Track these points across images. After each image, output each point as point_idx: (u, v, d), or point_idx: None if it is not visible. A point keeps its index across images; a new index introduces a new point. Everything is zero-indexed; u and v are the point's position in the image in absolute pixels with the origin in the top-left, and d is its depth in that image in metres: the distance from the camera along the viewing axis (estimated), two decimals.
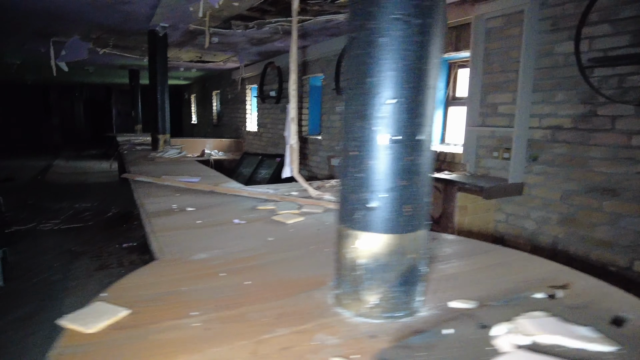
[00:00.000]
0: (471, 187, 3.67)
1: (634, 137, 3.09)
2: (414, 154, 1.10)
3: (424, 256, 1.19)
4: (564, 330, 0.83)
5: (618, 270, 3.22)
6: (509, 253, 1.83)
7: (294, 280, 1.43)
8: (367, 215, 1.12)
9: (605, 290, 1.43)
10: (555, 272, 1.58)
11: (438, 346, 0.79)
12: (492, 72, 4.09)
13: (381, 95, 1.06)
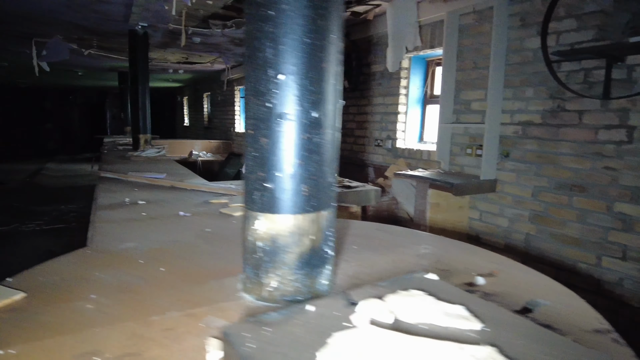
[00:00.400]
0: (441, 184, 3.64)
1: (600, 132, 3.07)
2: (311, 132, 1.07)
3: (328, 238, 1.16)
4: (432, 309, 0.79)
5: (588, 267, 3.18)
6: (454, 244, 1.79)
7: (212, 269, 1.39)
8: (264, 196, 1.09)
9: (534, 279, 1.39)
10: (491, 261, 1.54)
11: (288, 322, 0.76)
12: (466, 69, 4.07)
13: (272, 70, 1.03)
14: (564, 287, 1.32)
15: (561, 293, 1.27)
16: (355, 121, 5.72)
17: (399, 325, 0.76)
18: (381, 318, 0.76)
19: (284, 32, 1.01)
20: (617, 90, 2.94)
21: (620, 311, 3.01)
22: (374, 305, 0.79)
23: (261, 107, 1.06)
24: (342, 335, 0.69)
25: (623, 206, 2.96)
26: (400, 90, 4.92)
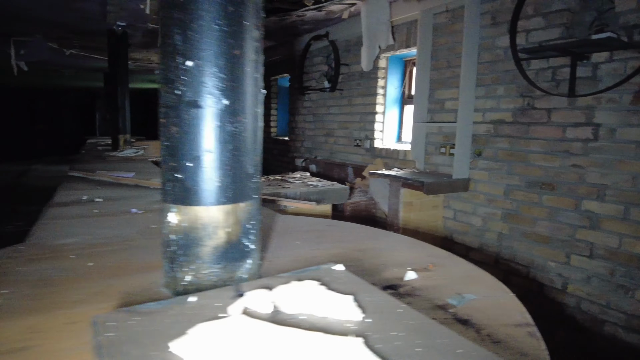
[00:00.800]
0: (413, 183, 3.62)
1: (568, 130, 3.06)
2: (223, 120, 1.04)
3: (249, 231, 1.13)
4: (318, 299, 0.77)
5: (557, 265, 3.17)
6: (401, 239, 1.77)
7: (142, 263, 1.36)
8: (176, 187, 1.06)
9: (470, 273, 1.37)
10: (433, 255, 1.52)
11: (162, 312, 0.73)
12: (440, 68, 4.06)
13: (180, 57, 1.01)
14: (498, 282, 1.30)
15: (493, 287, 1.25)
16: (336, 121, 5.70)
17: (275, 315, 0.73)
18: (259, 308, 0.74)
19: (192, 18, 0.99)
20: (583, 88, 2.93)
21: (585, 309, 3.00)
22: (259, 296, 0.77)
23: (171, 94, 1.03)
24: (205, 326, 0.66)
25: (590, 204, 2.95)
26: (378, 90, 4.91)
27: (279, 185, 2.98)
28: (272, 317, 0.72)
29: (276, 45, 6.79)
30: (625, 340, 2.81)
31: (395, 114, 5.03)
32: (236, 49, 1.04)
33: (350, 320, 0.73)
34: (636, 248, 2.73)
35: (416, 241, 1.71)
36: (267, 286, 0.84)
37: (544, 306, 3.28)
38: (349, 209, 4.82)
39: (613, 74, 2.78)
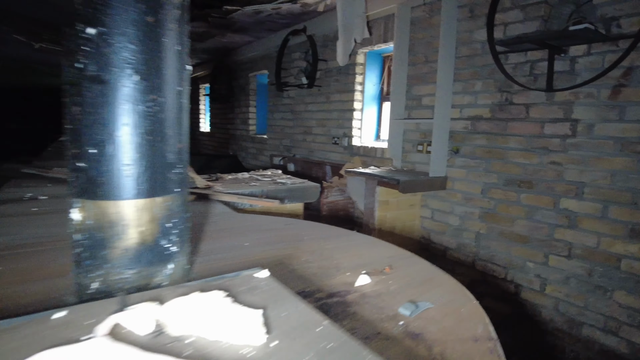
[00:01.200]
0: (389, 181, 3.49)
1: (546, 126, 2.96)
2: (133, 99, 0.88)
3: (170, 231, 0.98)
4: (217, 316, 0.62)
5: (536, 266, 3.07)
6: (363, 239, 1.63)
7: (57, 267, 1.19)
8: (80, 178, 0.90)
9: (431, 277, 1.23)
10: (394, 256, 1.38)
11: (10, 332, 0.58)
12: (417, 63, 3.94)
13: (81, 23, 0.85)
14: (461, 287, 1.16)
15: (454, 293, 1.12)
16: (315, 119, 5.55)
17: (153, 338, 0.58)
18: (136, 328, 0.59)
19: None
20: (561, 82, 2.84)
21: (563, 311, 2.91)
22: (143, 311, 0.62)
23: (72, 68, 0.87)
24: (49, 354, 0.51)
25: (568, 202, 2.86)
26: (356, 86, 4.78)
27: (245, 182, 2.82)
28: (148, 341, 0.57)
29: (254, 40, 6.61)
30: (603, 342, 2.71)
31: (373, 111, 4.90)
32: (149, 15, 0.88)
33: (249, 345, 0.59)
34: (614, 247, 2.64)
35: (379, 241, 1.57)
36: (158, 298, 0.69)
37: (522, 308, 3.18)
38: (325, 208, 4.68)
39: (591, 68, 2.69)
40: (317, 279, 1.12)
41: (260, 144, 7.01)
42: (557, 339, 2.96)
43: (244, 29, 5.82)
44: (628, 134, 2.55)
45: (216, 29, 5.84)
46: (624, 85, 2.56)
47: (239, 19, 5.18)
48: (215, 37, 6.41)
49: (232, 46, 7.09)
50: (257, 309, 0.65)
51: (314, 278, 1.12)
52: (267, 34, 6.11)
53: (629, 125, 2.55)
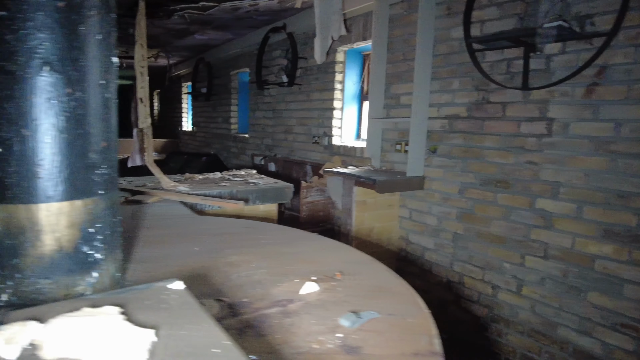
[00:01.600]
0: (365, 181, 3.43)
1: (523, 124, 2.93)
2: (46, 92, 0.80)
3: (93, 236, 0.90)
4: (102, 338, 0.54)
5: (512, 267, 3.03)
6: (322, 242, 1.56)
7: None
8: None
9: (383, 284, 1.16)
10: (349, 261, 1.31)
11: None
12: (395, 61, 3.89)
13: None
14: (414, 295, 1.10)
15: (406, 302, 1.05)
16: (295, 117, 5.48)
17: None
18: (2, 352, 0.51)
19: None
20: (537, 80, 2.80)
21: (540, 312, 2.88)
22: (13, 331, 0.54)
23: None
24: None
25: (544, 202, 2.82)
26: (336, 85, 4.71)
27: (214, 183, 2.74)
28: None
29: (235, 38, 6.51)
30: (577, 343, 2.69)
31: (354, 110, 4.84)
32: None
33: None
34: (588, 248, 2.61)
35: (341, 245, 1.51)
36: (38, 316, 0.62)
37: (499, 310, 3.14)
38: (305, 208, 4.61)
39: (566, 67, 2.66)
40: (261, 286, 1.05)
41: (242, 143, 6.92)
42: (532, 341, 2.93)
43: (224, 26, 5.72)
44: (602, 133, 2.52)
45: (195, 25, 5.73)
46: (598, 84, 2.53)
47: (217, 15, 5.08)
48: (195, 34, 6.30)
49: (213, 43, 6.98)
50: (151, 328, 0.58)
51: (258, 286, 1.05)
52: (247, 31, 6.02)
53: (603, 125, 2.52)
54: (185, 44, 7.13)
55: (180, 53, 8.02)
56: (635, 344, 2.42)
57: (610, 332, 2.53)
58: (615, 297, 2.50)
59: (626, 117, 2.42)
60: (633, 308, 2.43)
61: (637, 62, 2.36)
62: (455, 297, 3.46)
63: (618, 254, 2.48)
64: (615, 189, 2.47)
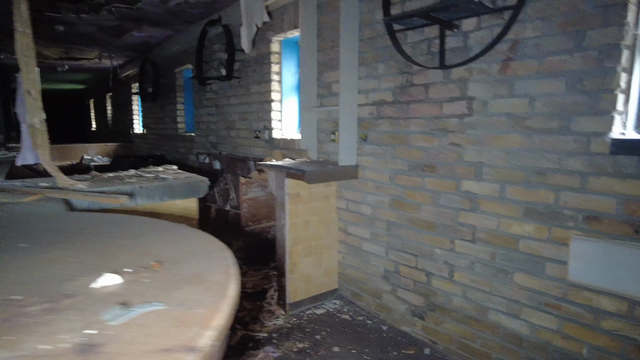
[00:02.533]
0: (295, 172, 3.30)
1: (445, 106, 2.85)
2: None
3: None
4: None
5: (444, 252, 2.95)
6: (181, 232, 1.41)
7: None
8: None
9: (205, 272, 1.02)
10: (188, 251, 1.17)
11: None
12: (325, 48, 3.77)
13: None
14: (228, 285, 0.96)
15: (212, 292, 0.92)
16: (237, 112, 5.31)
17: None
18: None
19: None
20: (457, 59, 2.72)
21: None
22: None
23: None
24: None
25: (469, 184, 2.75)
26: (273, 76, 4.57)
27: (119, 180, 2.55)
28: None
29: (175, 34, 6.29)
30: (507, 326, 2.62)
31: (294, 102, 4.71)
32: None
33: None
34: (512, 229, 2.54)
35: (199, 235, 1.36)
36: None
37: (434, 298, 3.06)
38: (245, 205, 4.45)
39: (481, 43, 2.59)
40: (55, 282, 0.90)
41: (189, 143, 6.70)
42: (468, 326, 2.85)
43: (159, 21, 5.50)
44: (518, 109, 2.46)
45: (130, 22, 5.49)
46: (512, 59, 2.46)
47: (148, 10, 4.86)
48: (132, 32, 6.05)
49: (155, 41, 6.74)
50: None
51: (52, 281, 0.90)
52: (185, 26, 5.81)
53: (518, 101, 2.45)
54: (126, 43, 6.86)
55: (125, 53, 7.73)
56: (558, 322, 2.37)
57: (536, 312, 2.47)
58: (539, 276, 2.44)
59: (539, 92, 2.35)
60: (555, 287, 2.37)
61: (546, 35, 2.30)
62: (393, 287, 3.36)
63: (539, 233, 2.42)
64: (534, 166, 2.41)
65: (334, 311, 3.66)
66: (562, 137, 2.27)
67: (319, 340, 3.18)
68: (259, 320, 3.48)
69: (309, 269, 3.65)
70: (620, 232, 2.10)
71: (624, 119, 2.13)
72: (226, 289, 0.90)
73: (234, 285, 0.92)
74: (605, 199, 2.14)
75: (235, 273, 1.00)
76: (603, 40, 2.09)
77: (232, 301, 0.84)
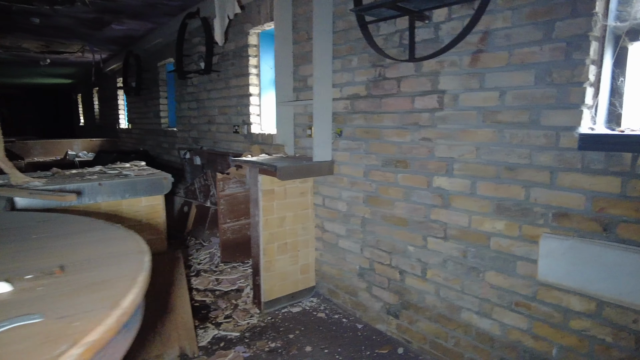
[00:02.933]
0: (268, 168, 3.22)
1: (417, 100, 2.77)
2: None
3: None
4: None
5: (415, 249, 2.89)
6: (103, 233, 1.33)
7: None
8: None
9: (110, 279, 0.94)
10: (106, 255, 1.09)
11: None
12: (301, 41, 3.68)
13: None
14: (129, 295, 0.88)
15: (108, 301, 0.84)
16: (216, 106, 5.21)
17: None
18: None
19: None
20: (427, 51, 2.64)
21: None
22: None
23: None
24: None
25: (440, 180, 2.68)
26: (251, 70, 4.48)
27: (79, 177, 2.47)
28: None
29: (156, 27, 6.17)
30: (479, 326, 2.56)
31: (272, 96, 4.61)
32: None
33: None
34: (483, 226, 2.48)
35: (126, 235, 1.28)
36: None
37: (408, 296, 3.00)
38: (223, 202, 4.37)
39: (452, 34, 2.50)
40: None
41: (172, 138, 6.60)
42: (441, 325, 2.79)
43: (138, 14, 5.38)
44: (488, 102, 2.38)
45: (107, 13, 5.36)
46: (483, 50, 2.38)
47: (124, 1, 4.74)
48: (112, 24, 5.93)
49: (137, 34, 6.62)
50: None
51: None
52: (165, 19, 5.70)
53: (489, 94, 2.38)
54: (107, 36, 6.73)
55: (108, 46, 7.60)
56: (529, 322, 2.31)
57: (507, 312, 2.41)
58: (510, 275, 2.37)
59: (509, 85, 2.28)
60: (525, 286, 2.31)
61: (515, 26, 2.22)
62: (368, 285, 3.30)
63: (510, 230, 2.35)
64: (504, 161, 2.34)
65: (310, 309, 3.59)
66: (532, 132, 2.20)
67: (292, 340, 3.12)
68: (233, 319, 3.41)
69: (285, 266, 3.58)
70: (589, 229, 2.03)
71: (593, 113, 2.06)
72: (122, 299, 0.83)
73: (133, 295, 0.84)
74: (575, 195, 2.07)
75: (143, 280, 0.92)
76: (571, 32, 2.01)
77: (123, 312, 0.77)
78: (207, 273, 4.20)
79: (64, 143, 8.63)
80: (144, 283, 0.91)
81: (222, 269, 4.28)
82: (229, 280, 3.99)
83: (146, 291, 0.94)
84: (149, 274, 0.99)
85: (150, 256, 1.09)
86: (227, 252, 4.38)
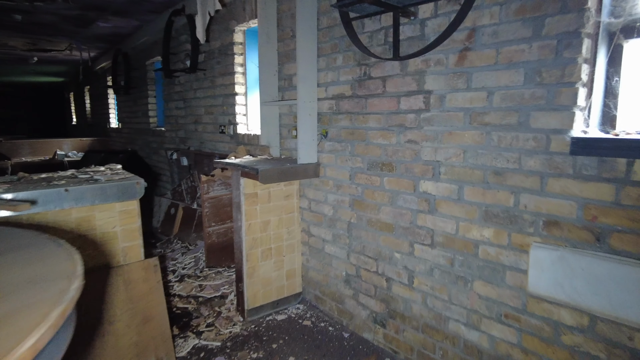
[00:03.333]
0: (249, 171, 3.09)
1: (402, 100, 2.64)
2: None
3: None
4: None
5: (402, 256, 2.76)
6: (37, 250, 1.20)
7: None
8: None
9: (36, 302, 0.82)
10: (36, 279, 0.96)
11: None
12: (285, 39, 3.55)
13: None
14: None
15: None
16: (203, 106, 5.08)
17: None
18: None
19: None
20: (413, 49, 2.51)
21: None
22: None
23: None
24: None
25: (426, 184, 2.55)
26: (236, 68, 4.34)
27: (46, 182, 2.33)
28: None
29: (142, 25, 6.03)
30: (466, 338, 2.44)
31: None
32: None
33: None
34: (470, 233, 2.35)
35: (57, 252, 1.15)
36: None
37: (395, 305, 2.88)
38: (207, 204, 4.24)
39: (438, 31, 2.37)
40: None
41: (160, 137, 6.47)
42: (428, 336, 2.67)
43: (122, 11, 5.24)
44: (475, 103, 2.26)
45: (90, 10, 5.22)
46: (470, 48, 2.25)
47: None
48: (97, 22, 5.78)
49: (124, 32, 6.48)
50: None
51: None
52: (151, 16, 5.55)
53: (476, 94, 2.25)
54: (94, 34, 6.58)
55: (96, 44, 7.45)
56: (518, 335, 2.19)
57: (495, 324, 2.29)
58: (499, 285, 2.25)
59: (497, 84, 2.15)
60: (514, 296, 2.19)
61: (503, 23, 2.09)
62: (354, 292, 3.18)
63: (499, 238, 2.23)
64: (491, 165, 2.22)
65: (295, 317, 3.47)
66: (521, 134, 2.08)
67: (275, 350, 3.00)
68: (215, 327, 3.29)
69: (269, 272, 3.46)
70: (580, 238, 1.91)
71: (585, 115, 1.93)
72: (21, 342, 0.70)
73: (39, 334, 0.72)
74: (566, 202, 1.95)
75: (57, 315, 0.80)
76: (562, 28, 1.88)
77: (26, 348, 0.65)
78: (191, 278, 4.07)
79: (53, 142, 8.48)
80: (58, 319, 0.79)
81: (207, 274, 4.15)
82: (212, 286, 3.87)
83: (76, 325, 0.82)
84: (73, 306, 0.87)
85: (82, 283, 0.96)
86: (212, 257, 4.26)
